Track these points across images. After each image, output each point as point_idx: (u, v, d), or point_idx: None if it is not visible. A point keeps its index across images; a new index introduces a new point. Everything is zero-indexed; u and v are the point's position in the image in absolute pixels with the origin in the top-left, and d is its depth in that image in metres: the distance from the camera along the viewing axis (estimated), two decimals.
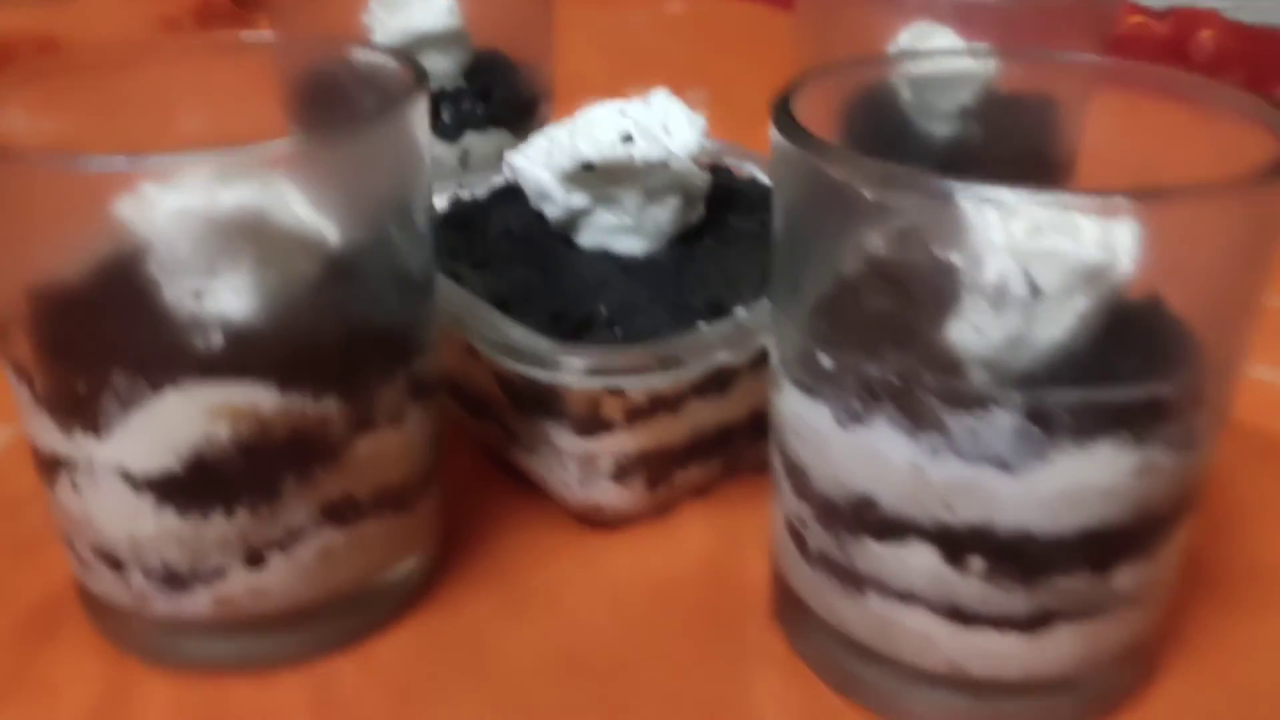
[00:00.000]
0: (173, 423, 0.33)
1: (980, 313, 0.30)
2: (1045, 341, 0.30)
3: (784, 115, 0.32)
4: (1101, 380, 0.29)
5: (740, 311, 0.41)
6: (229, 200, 0.32)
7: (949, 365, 0.30)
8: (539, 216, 0.47)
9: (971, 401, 0.30)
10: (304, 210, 0.34)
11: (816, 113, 0.36)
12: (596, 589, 0.41)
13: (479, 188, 0.52)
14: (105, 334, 0.32)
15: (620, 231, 0.45)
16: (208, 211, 0.31)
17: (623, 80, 0.94)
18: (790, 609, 0.38)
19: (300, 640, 0.37)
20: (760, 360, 0.40)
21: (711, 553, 0.42)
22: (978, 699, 0.34)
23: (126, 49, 0.40)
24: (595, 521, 0.43)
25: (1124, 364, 0.30)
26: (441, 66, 0.57)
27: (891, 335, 0.31)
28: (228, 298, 0.32)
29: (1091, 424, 0.29)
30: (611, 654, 0.38)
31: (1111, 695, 0.36)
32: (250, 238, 0.32)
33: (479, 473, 0.46)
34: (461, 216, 0.49)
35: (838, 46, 0.56)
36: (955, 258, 0.30)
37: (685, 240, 0.46)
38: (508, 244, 0.46)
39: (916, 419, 0.30)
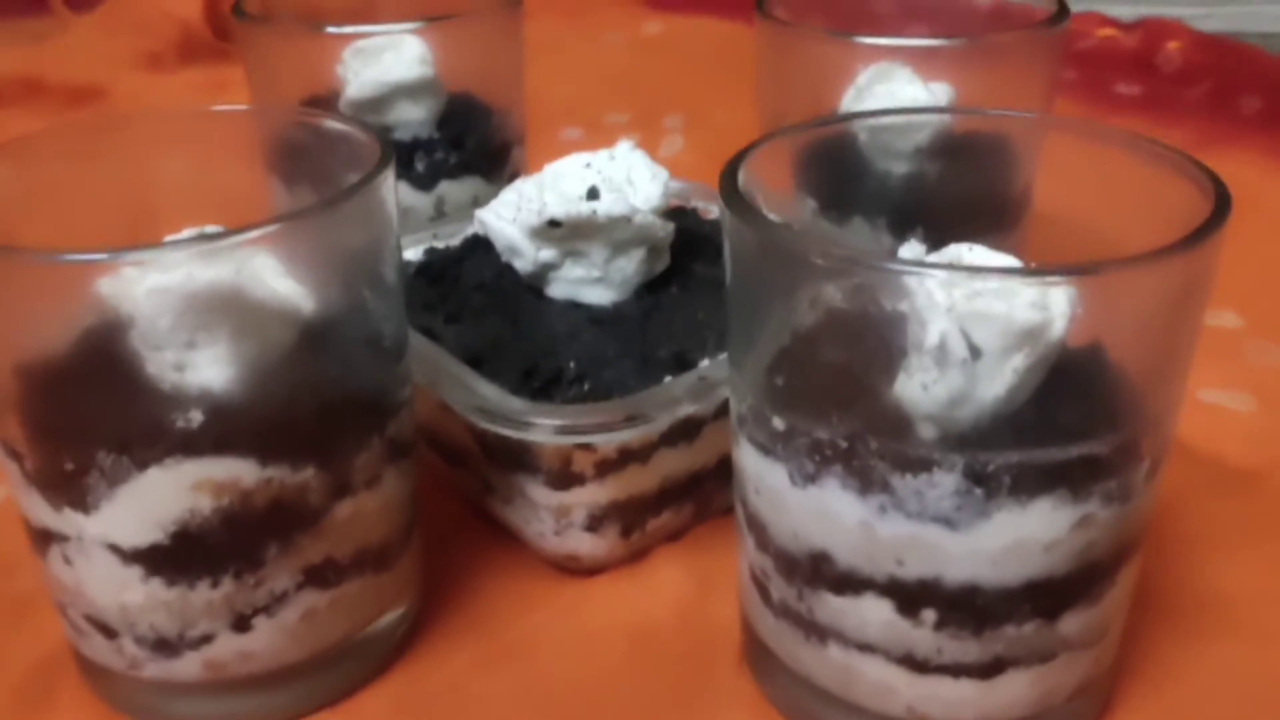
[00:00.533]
0: (157, 498, 0.34)
1: (924, 372, 0.31)
2: (987, 399, 0.31)
3: (730, 189, 0.34)
4: (1038, 441, 0.31)
5: (704, 364, 0.43)
6: (206, 276, 0.33)
7: (893, 428, 0.31)
8: (510, 267, 0.48)
9: (915, 464, 0.31)
10: (279, 282, 0.35)
11: (771, 165, 0.37)
12: (573, 637, 0.42)
13: (453, 237, 0.53)
14: (90, 414, 0.34)
15: (588, 283, 0.46)
16: (185, 287, 0.33)
17: (599, 105, 0.96)
18: (758, 655, 0.39)
19: (288, 698, 0.39)
20: (726, 408, 0.41)
21: (684, 597, 0.43)
22: None
23: (111, 114, 0.42)
24: (571, 569, 0.44)
25: (1060, 424, 0.31)
26: (414, 115, 0.58)
27: (839, 397, 0.32)
28: (207, 369, 0.34)
29: (1030, 483, 0.31)
30: (589, 701, 0.39)
31: None
32: (227, 311, 0.33)
33: (457, 521, 0.47)
34: (435, 268, 0.50)
35: (798, 88, 0.57)
36: (899, 321, 0.32)
37: (652, 288, 0.47)
38: (480, 296, 0.48)
39: (864, 480, 0.32)
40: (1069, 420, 0.31)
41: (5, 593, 0.45)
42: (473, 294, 0.48)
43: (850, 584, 0.34)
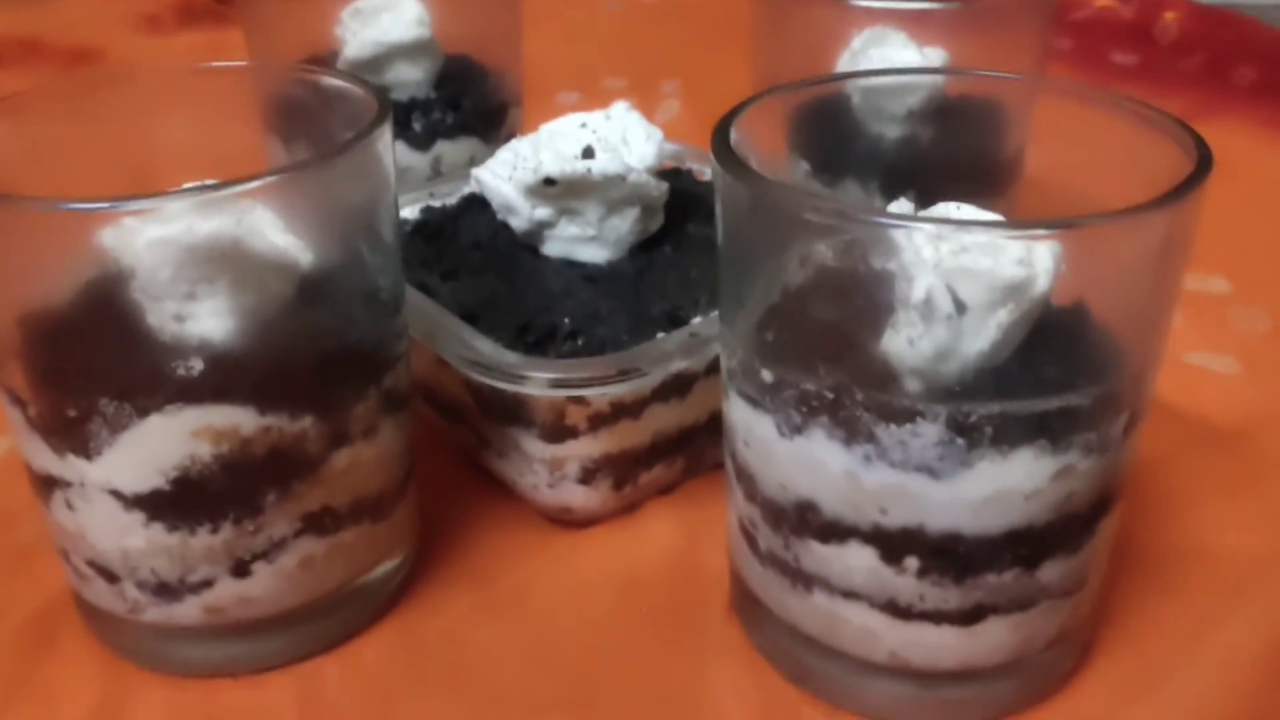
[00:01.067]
0: (158, 445, 0.35)
1: (910, 327, 0.32)
2: (971, 353, 0.32)
3: (722, 144, 0.34)
4: (1020, 393, 0.31)
5: (696, 320, 0.44)
6: (206, 228, 0.34)
7: (878, 380, 0.32)
8: (506, 226, 0.49)
9: (899, 414, 0.32)
10: (278, 235, 0.36)
11: (764, 125, 0.38)
12: (566, 587, 0.43)
13: (450, 196, 0.54)
14: (93, 363, 0.35)
15: (583, 241, 0.47)
16: (185, 239, 0.33)
17: (596, 70, 0.96)
18: (746, 604, 0.40)
19: (287, 643, 0.40)
20: (717, 365, 0.42)
21: (675, 548, 0.44)
22: (922, 687, 0.37)
23: (110, 71, 0.42)
24: (564, 521, 0.45)
25: (1041, 377, 0.32)
26: (412, 76, 0.58)
27: (826, 351, 0.33)
28: (207, 320, 0.35)
29: (1011, 434, 0.32)
30: (580, 649, 0.40)
31: (1048, 678, 0.38)
32: (227, 262, 0.34)
33: (453, 474, 0.48)
34: (432, 226, 0.51)
35: (793, 52, 0.58)
36: (886, 275, 0.33)
37: (645, 247, 0.48)
38: (476, 254, 0.48)
39: (850, 431, 0.33)
40: (1050, 373, 0.32)
41: (8, 542, 0.45)
42: (469, 252, 0.48)
43: (835, 532, 0.34)
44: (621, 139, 0.47)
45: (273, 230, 0.36)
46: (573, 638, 0.41)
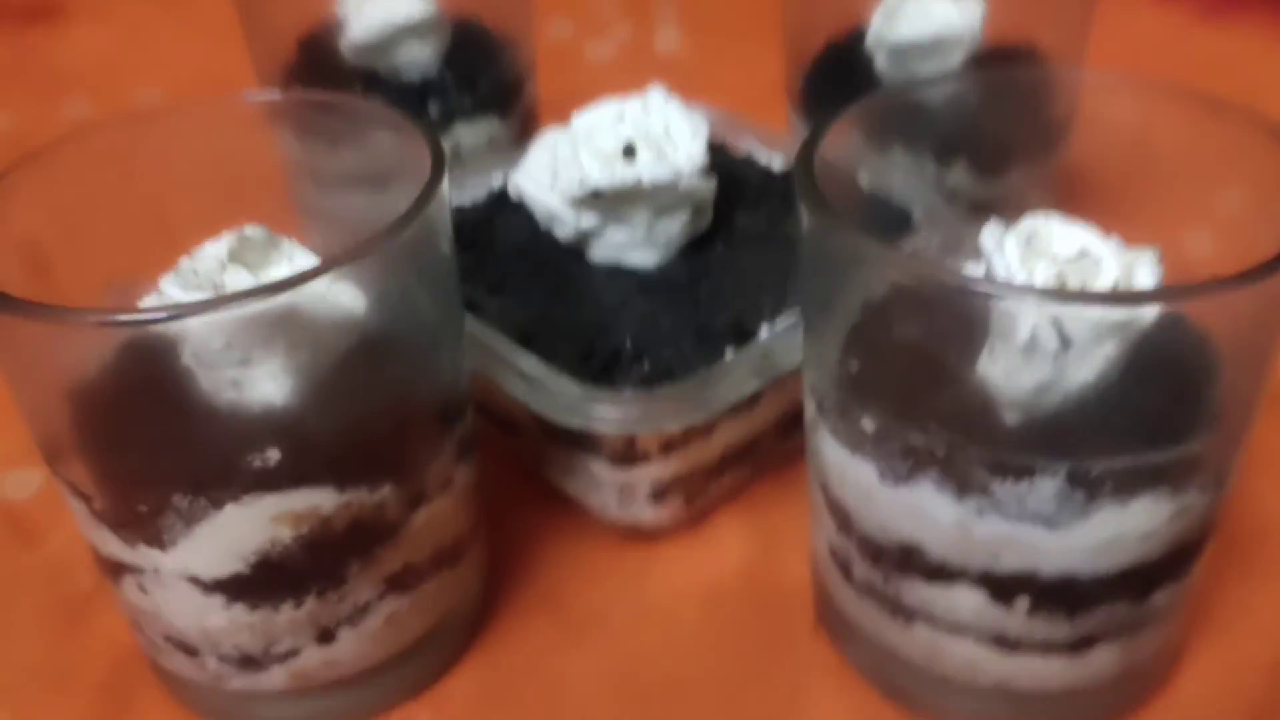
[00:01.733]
0: (237, 533, 0.33)
1: (1011, 360, 0.31)
2: (1074, 386, 0.31)
3: (809, 186, 0.32)
4: (1142, 445, 0.30)
5: (764, 332, 0.42)
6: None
7: (994, 435, 0.31)
8: (545, 228, 0.47)
9: (1017, 470, 0.31)
10: (339, 297, 0.34)
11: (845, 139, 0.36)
12: (644, 607, 0.42)
13: (476, 188, 0.52)
14: (160, 458, 0.33)
15: (631, 246, 0.45)
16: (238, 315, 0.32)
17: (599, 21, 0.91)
18: (836, 623, 0.39)
19: (373, 694, 0.39)
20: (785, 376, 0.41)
21: (751, 558, 0.43)
22: (1026, 705, 0.36)
23: (134, 121, 0.39)
24: (634, 534, 0.44)
25: (1164, 427, 0.31)
26: (421, 54, 0.55)
27: (935, 406, 0.32)
28: (266, 385, 0.33)
29: (1132, 484, 0.31)
30: (667, 673, 0.40)
31: (1151, 683, 0.38)
32: (284, 327, 0.32)
33: (513, 487, 0.47)
34: (467, 230, 0.48)
35: (822, 8, 0.55)
36: (989, 314, 0.31)
37: (696, 245, 0.46)
38: (521, 262, 0.46)
39: (962, 484, 0.32)
40: (1173, 422, 0.31)
41: (62, 595, 0.44)
42: (513, 260, 0.46)
43: (942, 574, 0.34)
44: (664, 133, 0.45)
45: (335, 294, 0.34)
46: (658, 661, 0.40)
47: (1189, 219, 0.36)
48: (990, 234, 0.34)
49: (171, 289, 0.36)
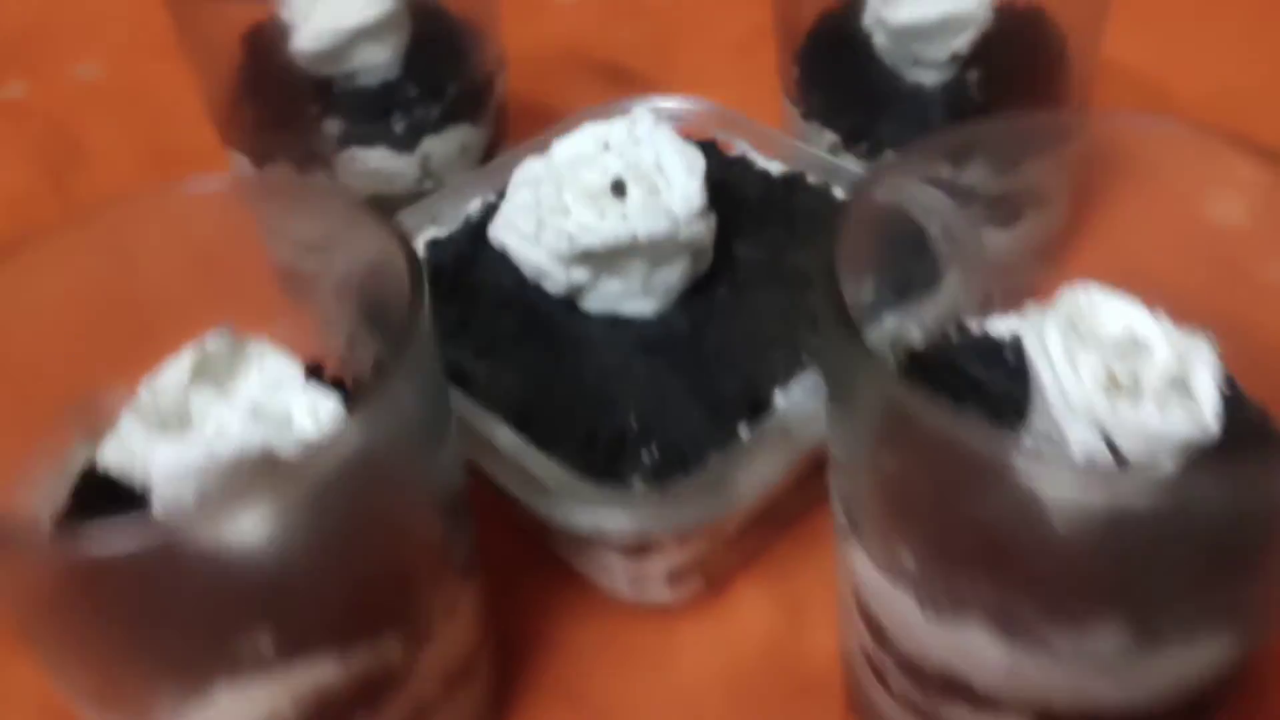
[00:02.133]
0: (233, 714, 0.31)
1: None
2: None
3: (835, 321, 0.29)
4: (1211, 590, 0.28)
5: (779, 398, 0.39)
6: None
7: (1051, 587, 0.28)
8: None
9: (1075, 620, 0.28)
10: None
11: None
12: (667, 692, 0.40)
13: (451, 220, 0.47)
14: (147, 649, 0.30)
15: (628, 296, 0.42)
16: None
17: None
18: (869, 714, 0.38)
19: None
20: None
21: (773, 632, 0.41)
22: None
23: (97, 206, 0.35)
24: (649, 610, 0.42)
25: (1231, 566, 0.28)
26: (379, 57, 0.50)
27: (985, 558, 0.29)
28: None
29: (1197, 624, 0.28)
30: None
31: None
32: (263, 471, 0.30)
33: (514, 557, 0.44)
34: (446, 274, 0.44)
35: None
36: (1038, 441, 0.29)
37: (697, 289, 0.43)
38: (507, 316, 0.43)
39: (1012, 629, 0.29)
40: (1239, 562, 0.28)
41: None
42: (498, 313, 0.43)
43: (989, 705, 0.32)
44: (655, 166, 0.41)
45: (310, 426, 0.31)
46: None
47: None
48: (1030, 327, 0.31)
49: (132, 428, 0.33)
